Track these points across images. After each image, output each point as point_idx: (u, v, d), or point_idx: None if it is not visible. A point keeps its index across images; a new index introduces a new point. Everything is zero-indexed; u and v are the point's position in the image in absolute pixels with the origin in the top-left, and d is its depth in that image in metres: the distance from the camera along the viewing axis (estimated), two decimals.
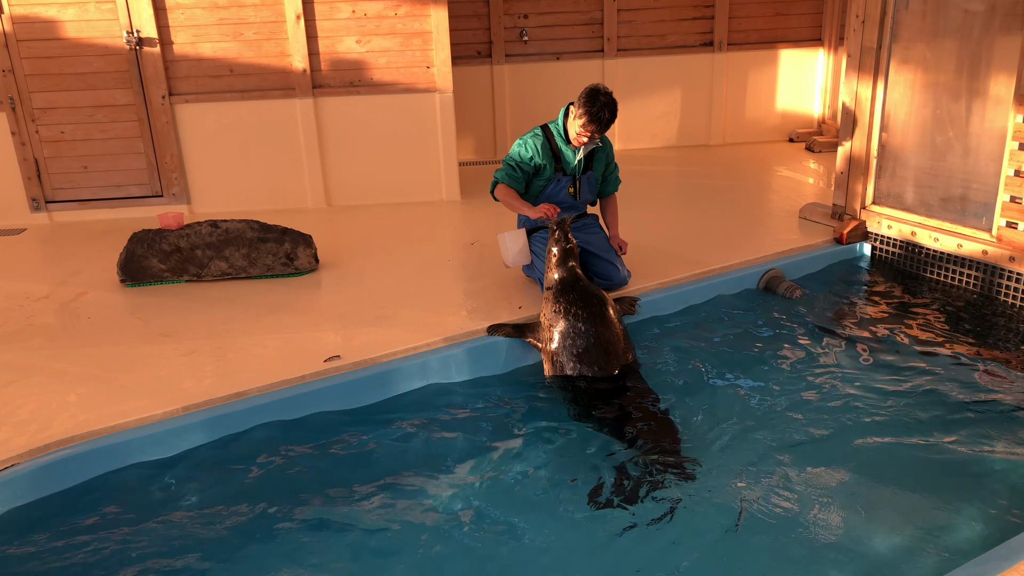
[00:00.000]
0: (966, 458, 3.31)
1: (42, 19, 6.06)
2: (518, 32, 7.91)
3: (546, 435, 3.55)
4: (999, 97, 4.51)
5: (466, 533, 2.99)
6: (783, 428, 3.52)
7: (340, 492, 3.23)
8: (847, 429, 3.51)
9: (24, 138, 6.28)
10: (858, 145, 5.30)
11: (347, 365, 3.90)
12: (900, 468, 3.27)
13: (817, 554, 2.84)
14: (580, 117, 4.30)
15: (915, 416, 3.59)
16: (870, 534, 2.91)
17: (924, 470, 3.25)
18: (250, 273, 5.01)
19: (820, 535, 2.92)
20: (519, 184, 4.51)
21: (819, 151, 7.92)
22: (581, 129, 4.33)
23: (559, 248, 4.09)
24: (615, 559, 2.86)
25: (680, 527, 2.97)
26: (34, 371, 3.95)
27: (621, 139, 8.20)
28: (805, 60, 8.32)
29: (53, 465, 3.27)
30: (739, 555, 2.86)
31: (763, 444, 3.41)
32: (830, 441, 3.44)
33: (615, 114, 4.31)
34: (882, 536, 2.90)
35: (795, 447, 3.39)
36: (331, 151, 6.58)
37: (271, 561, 2.90)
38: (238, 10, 6.21)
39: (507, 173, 4.50)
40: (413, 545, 2.95)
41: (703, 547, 2.89)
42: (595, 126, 4.28)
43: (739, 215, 5.99)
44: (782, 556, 2.84)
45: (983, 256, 4.68)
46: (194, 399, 3.62)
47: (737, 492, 3.14)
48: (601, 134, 4.37)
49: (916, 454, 3.35)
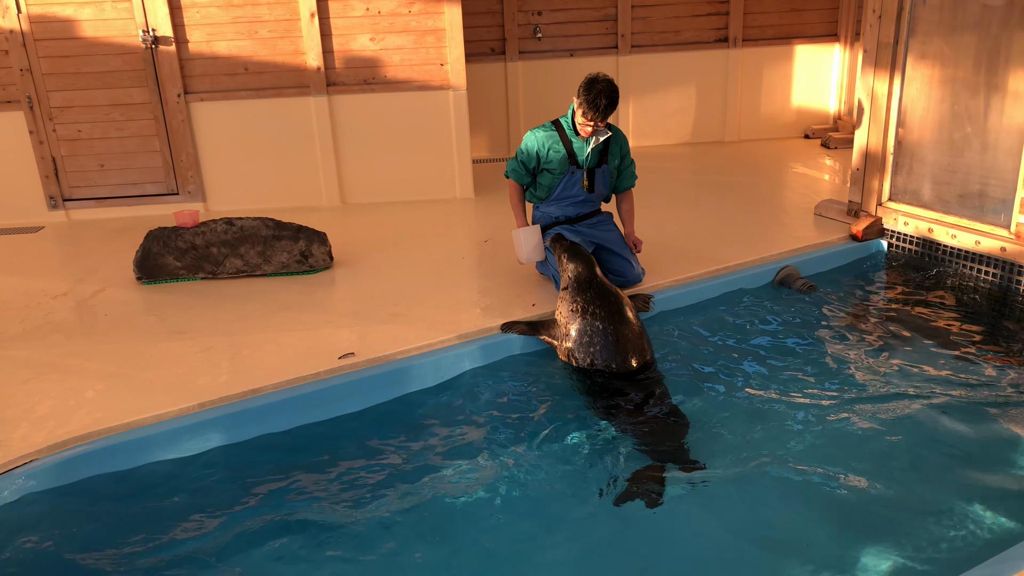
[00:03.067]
0: (983, 456, 3.28)
1: (59, 18, 6.10)
2: (532, 29, 7.90)
3: (560, 432, 3.54)
4: (1018, 92, 4.46)
5: (479, 530, 3.00)
6: (797, 427, 3.50)
7: (353, 489, 3.24)
8: (862, 427, 3.48)
9: (42, 137, 6.33)
10: (874, 141, 5.26)
11: (362, 362, 3.91)
12: (916, 466, 3.24)
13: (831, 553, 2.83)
14: (580, 106, 4.35)
15: (931, 414, 3.55)
16: (884, 535, 2.89)
17: (941, 469, 3.23)
18: (265, 271, 5.04)
19: (834, 534, 2.91)
20: (524, 179, 4.67)
21: (835, 147, 7.87)
22: (582, 119, 4.36)
23: (563, 248, 4.19)
24: (625, 555, 2.85)
25: (689, 526, 2.97)
26: (52, 368, 3.99)
27: (636, 136, 8.18)
28: (821, 56, 8.26)
29: (71, 461, 3.31)
30: (748, 555, 2.85)
31: (777, 442, 3.39)
32: (845, 439, 3.41)
33: (614, 101, 4.31)
34: (896, 538, 2.88)
35: (809, 446, 3.37)
36: (345, 149, 6.59)
37: (285, 555, 2.92)
38: (253, 8, 6.23)
39: (513, 168, 4.67)
40: (426, 541, 2.96)
41: (713, 547, 2.88)
42: (593, 112, 4.30)
43: (754, 212, 5.96)
44: (796, 556, 2.83)
45: (1001, 253, 4.63)
46: (210, 396, 3.64)
47: (748, 491, 3.12)
48: (602, 121, 4.37)
49: (932, 453, 3.32)
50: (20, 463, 3.26)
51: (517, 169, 4.65)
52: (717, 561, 2.83)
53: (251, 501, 3.20)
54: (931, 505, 3.03)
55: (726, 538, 2.91)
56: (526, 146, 4.59)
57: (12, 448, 3.31)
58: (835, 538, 2.89)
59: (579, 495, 3.15)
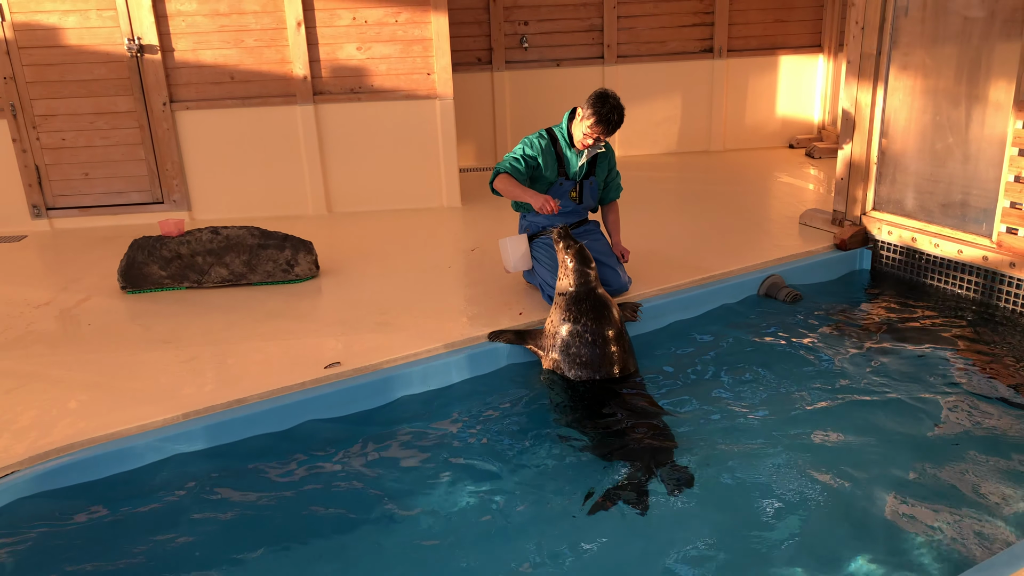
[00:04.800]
0: (969, 463, 3.30)
1: (44, 26, 6.08)
2: (518, 39, 7.93)
3: (546, 441, 3.54)
4: (999, 103, 4.52)
5: (465, 539, 2.99)
6: (782, 435, 3.52)
7: (339, 499, 3.23)
8: (847, 435, 3.50)
9: (25, 145, 6.29)
10: (858, 151, 5.30)
11: (347, 372, 3.89)
12: (902, 474, 3.26)
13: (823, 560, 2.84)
14: (589, 118, 4.31)
15: (917, 422, 3.58)
16: (871, 542, 2.90)
17: (927, 477, 3.24)
18: (250, 280, 5.02)
19: (815, 542, 2.91)
20: (521, 177, 4.44)
21: (819, 157, 7.93)
22: (588, 130, 4.33)
23: (572, 252, 4.02)
24: (608, 564, 2.85)
25: (672, 533, 2.96)
26: (35, 378, 3.95)
27: (622, 145, 8.21)
28: (805, 66, 8.34)
29: (53, 472, 3.27)
30: (731, 562, 2.85)
31: (761, 451, 3.40)
32: (829, 448, 3.43)
33: (623, 118, 4.33)
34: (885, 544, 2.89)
35: (793, 454, 3.38)
36: (332, 158, 6.59)
37: (269, 568, 2.90)
38: (239, 17, 6.23)
39: (510, 164, 4.44)
40: (412, 551, 2.94)
41: (695, 553, 2.88)
42: (603, 127, 4.29)
43: (740, 221, 5.99)
44: (778, 563, 2.83)
45: (983, 262, 4.68)
46: (194, 406, 3.61)
47: (732, 499, 3.13)
48: (608, 136, 4.38)
49: (918, 460, 3.34)
50: (1, 474, 3.22)
51: (516, 166, 4.41)
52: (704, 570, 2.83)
53: (236, 511, 3.17)
54: (924, 511, 3.04)
55: (712, 546, 2.91)
56: (526, 150, 4.44)
57: None
58: (826, 544, 2.90)
59: (562, 505, 3.15)
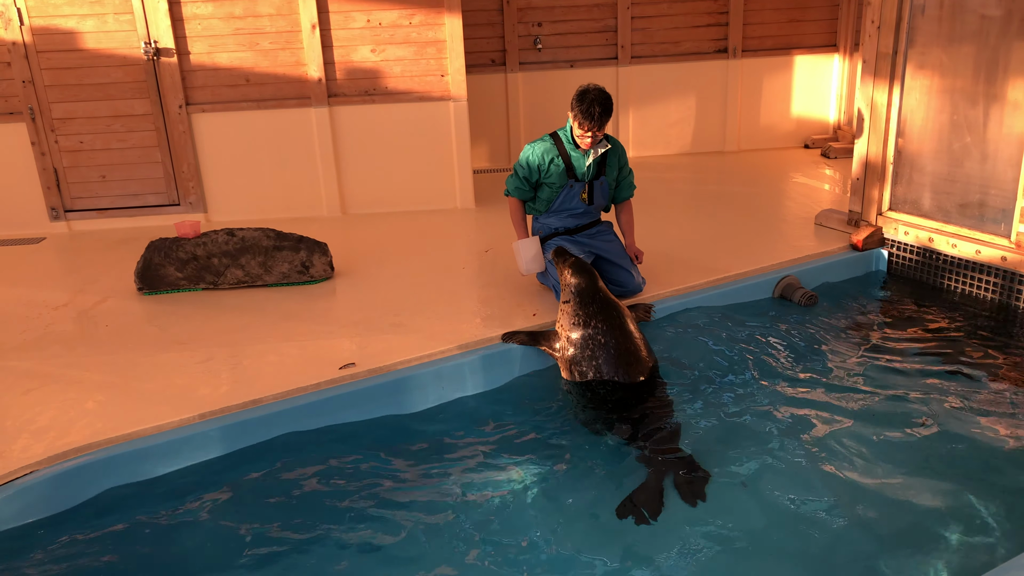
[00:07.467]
0: (988, 468, 3.27)
1: (61, 30, 6.13)
2: (532, 40, 7.92)
3: (561, 442, 3.54)
4: (1017, 102, 4.47)
5: (480, 540, 2.99)
6: (799, 438, 3.50)
7: (353, 499, 3.24)
8: (864, 438, 3.47)
9: (44, 148, 6.35)
10: (874, 151, 5.27)
11: (362, 372, 3.91)
12: (916, 476, 3.23)
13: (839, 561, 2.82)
14: (574, 119, 4.34)
15: (935, 426, 3.55)
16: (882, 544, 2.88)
17: (942, 478, 3.22)
18: (266, 281, 5.04)
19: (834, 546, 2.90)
20: (526, 194, 4.63)
21: (835, 157, 7.88)
22: (579, 130, 4.35)
23: (566, 264, 4.15)
24: (628, 566, 2.84)
25: (692, 536, 2.96)
26: (52, 379, 3.99)
27: (635, 146, 8.20)
28: (820, 66, 8.29)
29: (71, 472, 3.30)
30: (756, 565, 2.84)
31: (778, 454, 3.38)
32: (846, 451, 3.41)
33: (608, 108, 4.30)
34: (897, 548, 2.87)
35: (811, 457, 3.36)
36: (346, 159, 6.61)
37: (283, 567, 2.91)
38: (254, 20, 6.26)
39: (515, 185, 4.62)
40: (427, 552, 2.95)
41: (714, 556, 2.87)
42: (588, 122, 4.29)
43: (754, 222, 5.96)
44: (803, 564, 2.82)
45: (1002, 262, 4.63)
46: (210, 406, 3.64)
47: (749, 501, 3.12)
48: (599, 130, 4.36)
49: (936, 464, 3.31)
50: (20, 474, 3.25)
51: (520, 186, 4.60)
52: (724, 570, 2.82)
53: (250, 512, 3.19)
54: (936, 516, 3.02)
55: (733, 547, 2.90)
56: (526, 160, 4.56)
57: (12, 459, 3.31)
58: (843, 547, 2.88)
59: (580, 507, 3.15)
